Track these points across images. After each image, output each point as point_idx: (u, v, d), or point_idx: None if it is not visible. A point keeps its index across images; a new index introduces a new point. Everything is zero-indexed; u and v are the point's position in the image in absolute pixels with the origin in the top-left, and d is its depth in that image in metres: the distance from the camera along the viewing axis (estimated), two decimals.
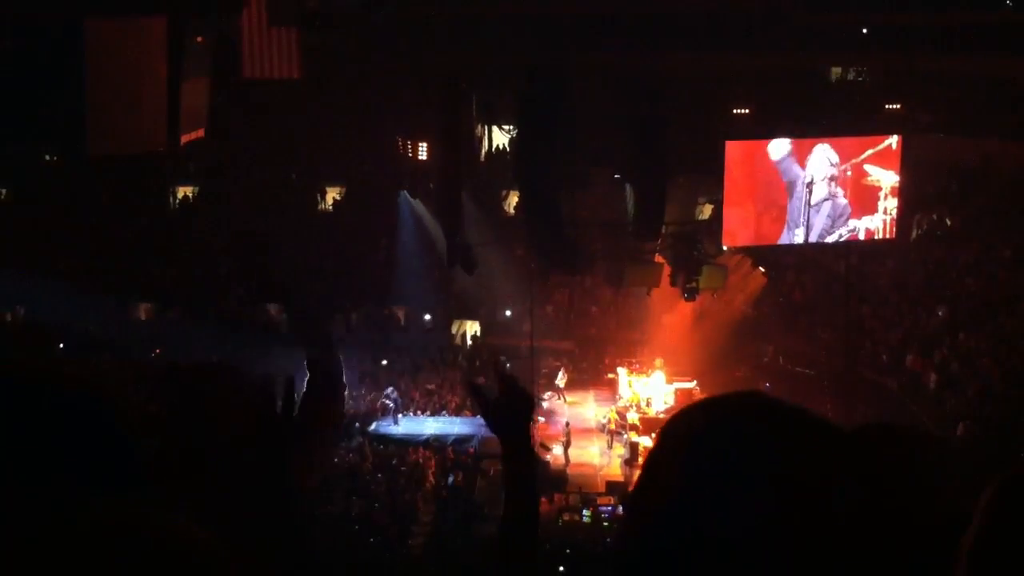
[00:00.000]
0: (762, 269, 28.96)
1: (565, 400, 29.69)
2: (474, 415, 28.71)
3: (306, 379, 3.60)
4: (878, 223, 25.53)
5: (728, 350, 29.05)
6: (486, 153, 28.78)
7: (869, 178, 25.23)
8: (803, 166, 25.06)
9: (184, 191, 35.81)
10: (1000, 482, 1.74)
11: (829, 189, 25.16)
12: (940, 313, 28.67)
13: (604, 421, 27.99)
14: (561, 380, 30.05)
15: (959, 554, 1.69)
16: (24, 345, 28.88)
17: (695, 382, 28.59)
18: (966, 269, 29.77)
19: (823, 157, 25.06)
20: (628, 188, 26.44)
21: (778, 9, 30.79)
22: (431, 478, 25.55)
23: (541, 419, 28.34)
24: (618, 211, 26.99)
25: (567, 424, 27.23)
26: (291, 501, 3.31)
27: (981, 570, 1.66)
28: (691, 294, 26.63)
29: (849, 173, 25.19)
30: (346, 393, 3.70)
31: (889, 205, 25.32)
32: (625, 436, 26.96)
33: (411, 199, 32.43)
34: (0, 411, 2.07)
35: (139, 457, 2.38)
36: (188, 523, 1.11)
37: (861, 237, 25.75)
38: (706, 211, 28.36)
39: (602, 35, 30.44)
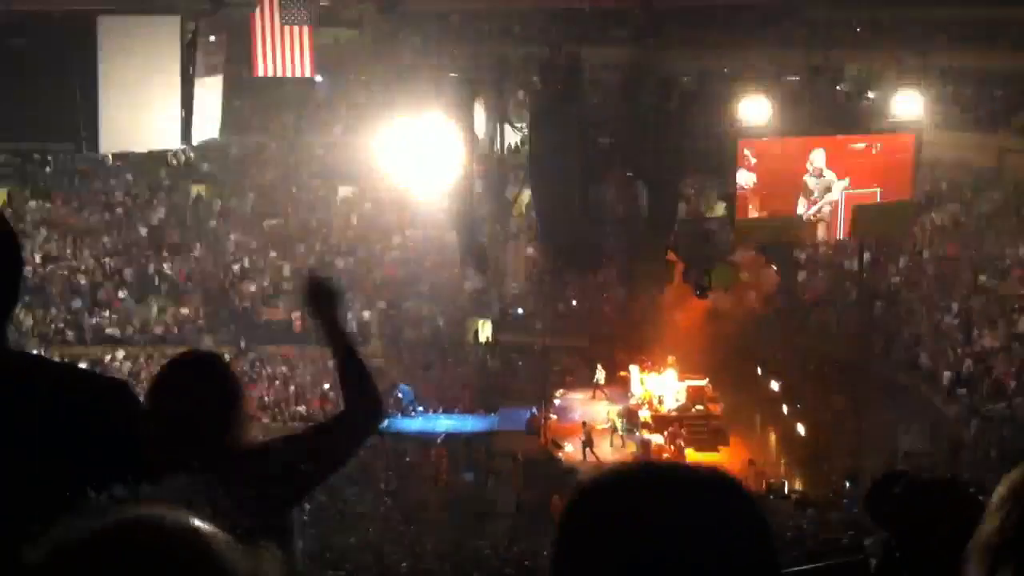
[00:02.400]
0: (774, 267, 28.90)
1: (606, 395, 29.48)
2: (487, 414, 28.78)
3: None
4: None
5: (740, 348, 28.98)
6: (498, 151, 28.74)
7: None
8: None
9: (197, 188, 35.89)
10: (1013, 479, 1.73)
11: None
12: (954, 310, 28.59)
13: (609, 423, 27.82)
14: (600, 375, 29.94)
15: (970, 552, 1.68)
16: (37, 343, 28.99)
17: (707, 380, 28.56)
18: (980, 266, 29.66)
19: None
20: (640, 185, 26.43)
21: (791, 4, 30.71)
22: (444, 475, 25.59)
23: (553, 416, 28.34)
24: (630, 209, 26.97)
25: (584, 424, 27.14)
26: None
27: (995, 567, 1.65)
28: (703, 292, 26.61)
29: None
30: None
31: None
32: (637, 434, 26.95)
33: (423, 197, 32.42)
34: (28, 404, 2.09)
35: (156, 449, 2.40)
36: (202, 520, 1.11)
37: None
38: (718, 209, 28.29)
39: (615, 31, 30.42)
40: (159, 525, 1.07)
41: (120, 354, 30.28)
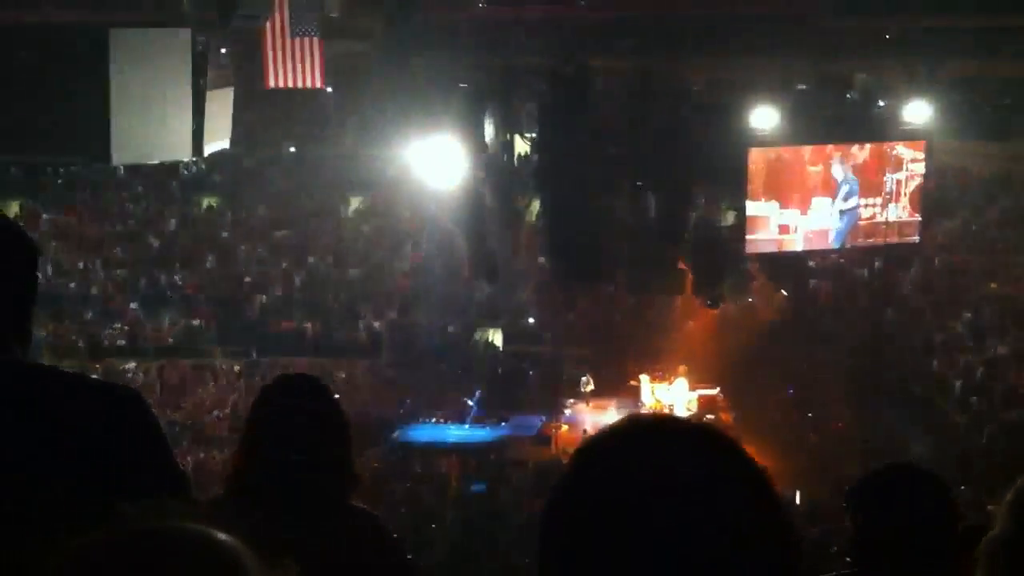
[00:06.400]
0: (784, 292, 28.90)
1: (588, 404, 29.49)
2: (497, 423, 28.75)
3: None
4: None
5: (751, 356, 28.91)
6: (508, 161, 28.79)
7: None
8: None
9: (208, 201, 36.01)
10: (1021, 485, 1.74)
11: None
12: (965, 318, 28.51)
13: None
14: (586, 387, 29.91)
15: (980, 555, 1.69)
16: (49, 354, 29.05)
17: (718, 389, 28.47)
18: (991, 273, 29.60)
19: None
20: (650, 195, 26.44)
21: (800, 13, 30.69)
22: (454, 485, 25.56)
23: (564, 427, 28.30)
24: (641, 218, 26.96)
25: (584, 431, 27.10)
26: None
27: (1006, 569, 1.66)
28: (715, 302, 26.57)
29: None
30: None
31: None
32: None
33: (434, 208, 32.47)
34: (42, 414, 2.11)
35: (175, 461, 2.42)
36: (222, 530, 1.12)
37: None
38: (729, 218, 28.26)
39: (624, 40, 30.43)
40: (179, 535, 1.08)
41: (132, 365, 30.38)
